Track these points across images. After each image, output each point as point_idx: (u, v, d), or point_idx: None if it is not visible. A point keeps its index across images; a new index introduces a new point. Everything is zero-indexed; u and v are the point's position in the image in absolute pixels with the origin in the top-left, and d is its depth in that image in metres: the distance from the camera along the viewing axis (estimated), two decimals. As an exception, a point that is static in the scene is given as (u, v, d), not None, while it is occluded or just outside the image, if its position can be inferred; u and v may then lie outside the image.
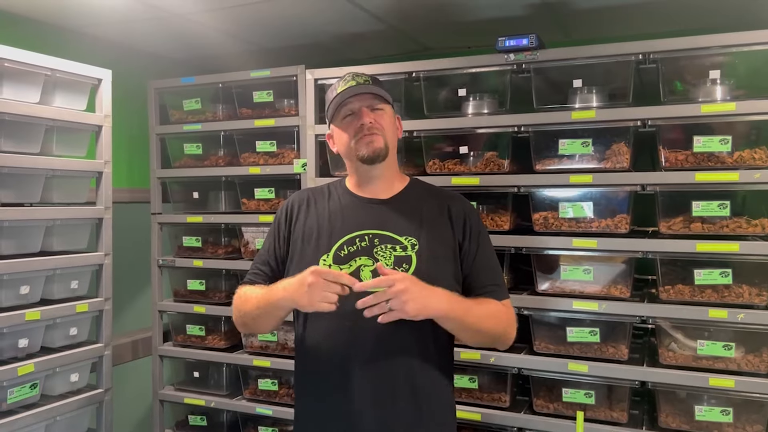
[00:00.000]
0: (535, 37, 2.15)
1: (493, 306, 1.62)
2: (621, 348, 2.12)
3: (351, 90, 1.66)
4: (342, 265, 1.61)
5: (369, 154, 1.64)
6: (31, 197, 2.23)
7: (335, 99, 1.68)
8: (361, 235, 1.65)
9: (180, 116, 2.91)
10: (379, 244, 1.63)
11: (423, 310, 1.45)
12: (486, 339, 1.65)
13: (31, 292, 2.21)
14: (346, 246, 1.64)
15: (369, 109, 1.66)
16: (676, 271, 2.07)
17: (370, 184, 1.72)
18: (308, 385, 1.68)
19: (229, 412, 2.81)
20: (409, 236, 1.63)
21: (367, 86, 1.67)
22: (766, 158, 1.94)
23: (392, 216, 1.68)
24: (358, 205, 1.71)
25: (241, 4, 2.39)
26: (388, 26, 2.69)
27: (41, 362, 2.20)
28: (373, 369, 1.56)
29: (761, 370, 1.95)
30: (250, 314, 1.66)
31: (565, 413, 2.18)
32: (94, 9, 2.44)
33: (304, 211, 1.74)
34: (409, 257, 1.61)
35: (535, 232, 2.23)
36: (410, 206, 1.70)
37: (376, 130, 1.65)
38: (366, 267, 1.60)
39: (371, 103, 1.67)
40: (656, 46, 2.04)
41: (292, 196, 1.81)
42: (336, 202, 1.74)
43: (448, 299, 1.51)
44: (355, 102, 1.67)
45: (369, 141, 1.64)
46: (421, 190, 1.78)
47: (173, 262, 2.88)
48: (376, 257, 1.61)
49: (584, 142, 2.16)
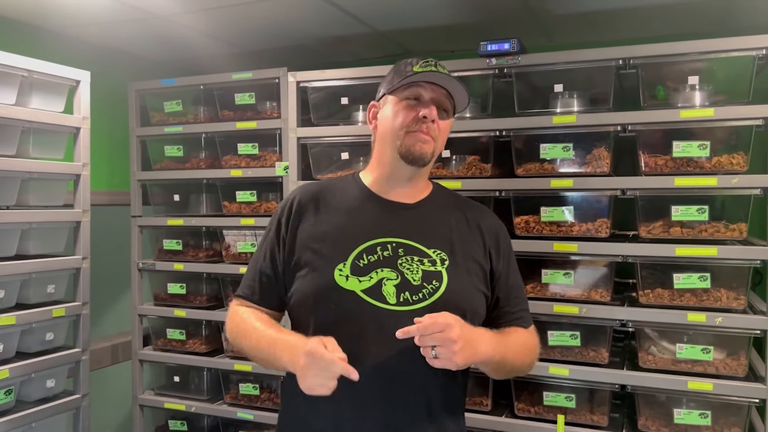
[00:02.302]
0: (516, 41, 2.16)
1: (524, 337, 1.52)
2: (601, 351, 2.13)
3: (435, 76, 1.44)
4: (361, 276, 1.39)
5: (415, 153, 1.44)
6: (6, 200, 2.19)
7: (409, 75, 1.44)
8: (383, 243, 1.44)
9: (161, 118, 2.89)
10: (404, 255, 1.42)
11: (471, 358, 1.30)
12: (517, 373, 1.56)
13: (6, 297, 2.18)
14: (366, 255, 1.42)
15: (437, 107, 1.46)
16: (656, 275, 2.09)
17: (398, 185, 1.51)
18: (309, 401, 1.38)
19: (210, 416, 2.78)
20: (438, 250, 1.45)
21: (453, 79, 1.45)
22: (743, 164, 1.96)
23: (419, 225, 1.48)
24: (379, 208, 1.50)
25: (223, 6, 2.38)
26: (371, 29, 2.68)
27: (16, 368, 2.16)
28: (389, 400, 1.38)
29: (739, 374, 1.97)
30: (245, 351, 1.48)
31: (546, 417, 2.19)
32: (73, 10, 2.41)
33: (312, 210, 1.50)
34: (439, 273, 1.42)
35: (516, 236, 2.24)
36: (438, 216, 1.52)
37: (432, 134, 1.46)
38: (390, 281, 1.39)
39: (442, 102, 1.48)
40: (636, 51, 2.06)
41: (296, 191, 1.55)
42: (352, 202, 1.51)
43: (491, 342, 1.36)
44: (428, 90, 1.46)
45: (422, 140, 1.44)
46: (447, 198, 1.60)
47: (153, 266, 2.85)
48: (400, 270, 1.40)
49: (565, 147, 2.16)
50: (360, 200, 1.51)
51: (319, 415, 1.40)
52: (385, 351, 1.36)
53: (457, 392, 1.49)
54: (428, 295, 1.39)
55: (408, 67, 1.47)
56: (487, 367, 1.43)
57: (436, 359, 1.26)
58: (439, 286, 1.40)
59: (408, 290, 1.39)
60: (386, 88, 1.52)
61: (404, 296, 1.38)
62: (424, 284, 1.40)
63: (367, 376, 1.30)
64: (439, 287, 1.40)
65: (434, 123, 1.45)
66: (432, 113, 1.44)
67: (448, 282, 1.41)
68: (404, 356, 1.35)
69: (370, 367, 1.33)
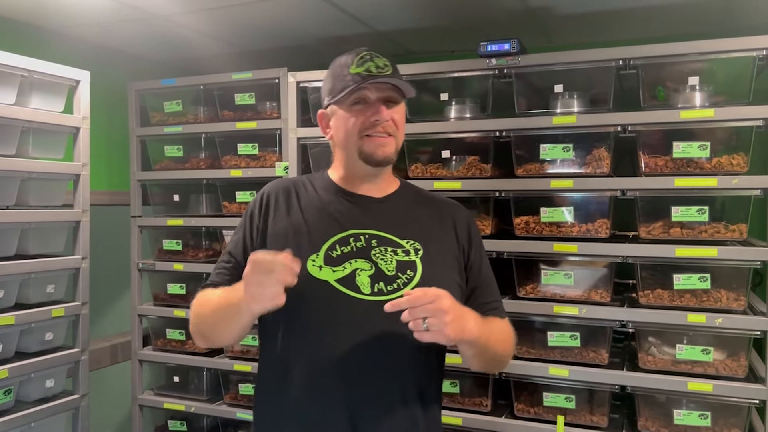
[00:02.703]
0: (516, 42, 2.16)
1: (502, 326, 1.49)
2: (601, 352, 2.13)
3: (372, 78, 1.40)
4: (335, 267, 1.38)
5: (378, 158, 1.43)
6: (6, 200, 2.19)
7: (349, 82, 1.41)
8: (356, 234, 1.43)
9: (160, 118, 2.88)
10: (378, 246, 1.42)
11: (461, 333, 1.26)
12: (496, 364, 1.53)
13: (5, 297, 2.17)
14: (339, 246, 1.41)
15: (385, 104, 1.43)
16: (656, 276, 2.09)
17: (366, 183, 1.50)
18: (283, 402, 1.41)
19: (210, 417, 2.78)
20: (411, 240, 1.45)
21: (390, 77, 1.42)
22: (743, 164, 1.96)
23: (390, 217, 1.48)
24: (350, 202, 1.49)
25: (223, 6, 2.38)
26: (371, 30, 2.68)
27: (15, 368, 2.16)
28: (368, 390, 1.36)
29: (739, 375, 1.96)
30: (208, 320, 1.42)
31: (545, 417, 2.18)
32: (73, 9, 2.41)
33: (284, 202, 1.50)
34: (413, 263, 1.41)
35: (516, 237, 2.24)
36: (408, 209, 1.52)
37: (391, 130, 1.43)
38: (363, 271, 1.38)
39: (389, 96, 1.44)
40: (636, 52, 2.06)
41: (268, 186, 1.55)
42: (324, 196, 1.50)
43: (477, 322, 1.33)
44: (372, 90, 1.42)
45: (381, 144, 1.42)
46: (415, 193, 1.60)
47: (153, 266, 2.85)
48: (374, 260, 1.40)
49: (565, 147, 2.16)
50: (331, 194, 1.51)
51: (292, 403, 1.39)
52: (359, 341, 1.34)
53: (433, 383, 1.47)
54: (403, 285, 1.39)
55: (344, 70, 1.44)
56: (472, 349, 1.37)
57: (427, 332, 1.22)
58: (413, 276, 1.40)
59: (382, 280, 1.38)
60: (329, 97, 1.48)
61: (378, 286, 1.37)
62: (399, 274, 1.39)
63: (341, 365, 1.31)
64: (413, 277, 1.39)
65: (389, 121, 1.43)
66: (383, 115, 1.41)
67: (422, 272, 1.40)
68: (378, 346, 1.35)
69: (344, 357, 1.33)
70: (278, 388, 1.41)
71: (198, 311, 1.44)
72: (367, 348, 1.35)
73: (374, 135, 1.42)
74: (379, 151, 1.43)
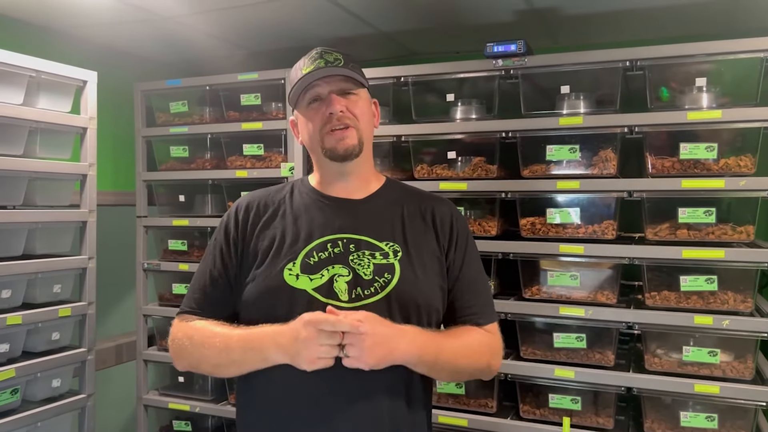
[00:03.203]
0: (523, 43, 2.16)
1: (473, 337, 1.42)
2: (607, 354, 2.13)
3: (318, 72, 1.39)
4: (312, 274, 1.36)
5: (340, 152, 1.40)
6: (13, 200, 2.20)
7: (299, 81, 1.41)
8: (334, 239, 1.40)
9: (166, 119, 2.89)
10: (356, 251, 1.39)
11: (386, 357, 1.24)
12: (463, 376, 1.49)
13: (12, 296, 2.18)
14: (316, 252, 1.39)
15: (340, 95, 1.41)
16: (662, 278, 2.08)
17: (341, 181, 1.47)
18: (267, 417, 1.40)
19: (214, 417, 2.78)
20: (390, 242, 1.42)
21: (336, 68, 1.39)
22: (751, 166, 1.95)
23: (369, 219, 1.45)
24: (328, 206, 1.46)
25: (228, 7, 2.38)
26: (376, 30, 2.69)
27: (22, 367, 2.17)
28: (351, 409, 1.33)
29: (746, 377, 1.96)
30: (209, 359, 1.36)
31: (551, 419, 2.18)
32: (80, 10, 2.42)
33: (259, 214, 1.47)
34: (391, 266, 1.39)
35: (522, 238, 2.23)
36: (389, 209, 1.48)
37: (349, 121, 1.40)
38: (341, 277, 1.36)
39: (342, 87, 1.42)
40: (643, 53, 2.05)
41: (241, 200, 1.52)
42: (300, 202, 1.48)
43: (416, 341, 1.29)
44: (323, 86, 1.41)
45: (340, 137, 1.40)
46: (399, 190, 1.55)
47: (158, 266, 2.85)
48: (352, 266, 1.37)
49: (572, 148, 2.16)
50: (308, 200, 1.49)
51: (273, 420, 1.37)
52: None
53: (417, 390, 1.42)
54: (380, 289, 1.36)
55: (298, 72, 1.44)
56: (418, 368, 1.34)
57: (347, 358, 1.22)
58: (391, 279, 1.37)
59: (360, 285, 1.36)
60: (291, 103, 1.50)
61: (356, 292, 1.36)
62: (376, 278, 1.37)
63: (321, 376, 1.26)
64: (391, 280, 1.37)
65: (344, 111, 1.40)
66: (334, 107, 1.39)
67: (400, 274, 1.38)
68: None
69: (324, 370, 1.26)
70: (258, 398, 1.39)
71: (191, 344, 1.39)
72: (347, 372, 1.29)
73: (333, 130, 1.40)
74: (339, 145, 1.40)
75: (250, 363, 1.33)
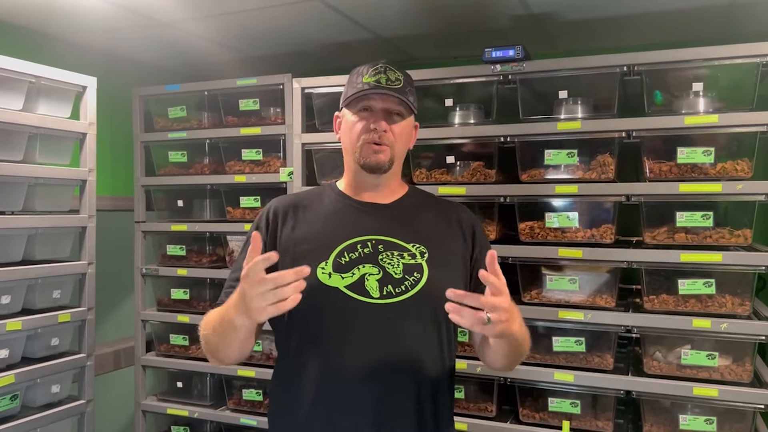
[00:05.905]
0: (521, 48, 2.17)
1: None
2: (606, 357, 2.14)
3: (378, 89, 1.49)
4: (344, 273, 1.43)
5: (371, 164, 1.50)
6: (13, 205, 2.20)
7: (358, 90, 1.50)
8: (363, 241, 1.48)
9: (165, 124, 2.89)
10: (384, 251, 1.47)
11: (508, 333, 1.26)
12: (516, 363, 1.53)
13: (12, 302, 2.18)
14: (347, 253, 1.46)
15: (389, 115, 1.51)
16: (661, 281, 2.09)
17: (369, 190, 1.57)
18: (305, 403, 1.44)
19: (213, 422, 2.78)
20: (417, 243, 1.49)
21: (395, 89, 1.49)
22: (748, 170, 1.97)
23: (396, 222, 1.53)
24: (357, 209, 1.55)
25: (227, 13, 2.39)
26: (375, 36, 2.70)
27: (22, 373, 2.16)
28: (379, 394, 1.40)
29: (744, 380, 1.97)
30: (211, 341, 1.42)
31: (551, 423, 2.19)
32: (79, 16, 2.42)
33: (291, 217, 1.54)
34: (419, 266, 1.46)
35: (521, 242, 2.24)
36: (415, 213, 1.58)
37: (387, 141, 1.49)
38: (372, 276, 1.43)
39: (392, 108, 1.51)
40: (640, 58, 2.07)
41: (272, 202, 1.60)
42: (330, 206, 1.56)
43: (519, 319, 1.34)
44: (377, 100, 1.51)
45: (375, 150, 1.49)
46: (422, 197, 1.66)
47: (157, 271, 2.85)
48: (382, 265, 1.45)
49: (570, 153, 2.17)
50: (337, 204, 1.57)
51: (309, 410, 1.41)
52: (371, 343, 1.40)
53: (445, 383, 1.49)
54: (410, 287, 1.43)
55: (359, 78, 1.52)
56: (506, 347, 1.38)
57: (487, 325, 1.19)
58: (420, 278, 1.44)
59: (390, 283, 1.43)
60: (342, 100, 1.56)
61: (387, 289, 1.42)
62: (406, 276, 1.44)
63: (354, 368, 1.36)
64: (420, 278, 1.44)
65: (386, 132, 1.49)
66: (381, 125, 1.48)
67: (429, 273, 1.45)
68: (391, 349, 1.40)
69: (357, 360, 1.38)
70: (293, 393, 1.45)
71: (203, 333, 1.45)
72: (379, 349, 1.40)
73: (371, 143, 1.49)
74: (372, 158, 1.49)
75: (227, 334, 1.35)
